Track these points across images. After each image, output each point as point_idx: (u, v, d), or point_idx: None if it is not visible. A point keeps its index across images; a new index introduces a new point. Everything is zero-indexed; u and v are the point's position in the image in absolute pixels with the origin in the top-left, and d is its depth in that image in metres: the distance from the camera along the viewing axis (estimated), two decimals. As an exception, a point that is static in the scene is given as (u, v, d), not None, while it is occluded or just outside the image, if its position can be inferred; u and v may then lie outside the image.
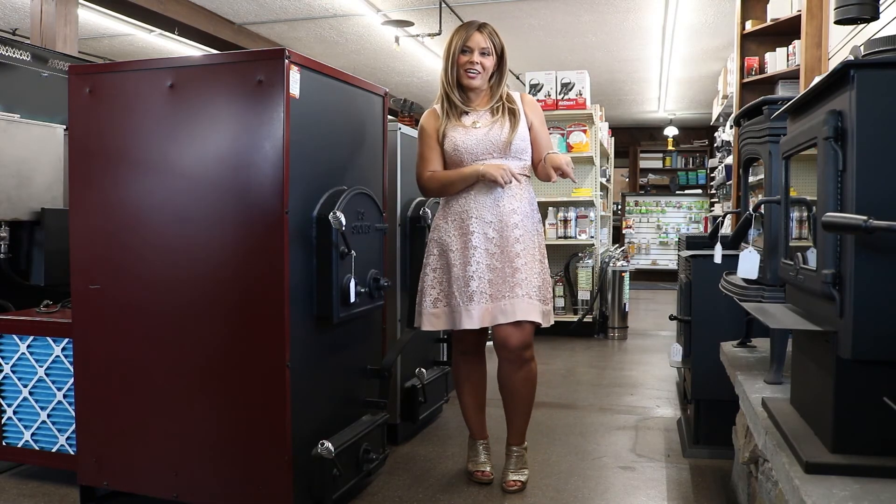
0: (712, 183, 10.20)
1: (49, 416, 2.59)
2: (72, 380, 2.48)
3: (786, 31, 4.90)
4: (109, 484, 2.35)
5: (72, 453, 2.53)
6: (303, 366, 2.18)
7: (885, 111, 1.28)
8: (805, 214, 2.53)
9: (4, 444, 2.65)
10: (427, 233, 2.98)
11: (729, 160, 6.79)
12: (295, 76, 2.11)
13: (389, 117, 2.87)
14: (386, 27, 6.86)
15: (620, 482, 2.69)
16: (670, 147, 13.28)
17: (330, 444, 2.24)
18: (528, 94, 3.17)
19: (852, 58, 1.35)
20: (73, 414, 2.47)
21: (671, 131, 12.70)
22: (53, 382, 2.57)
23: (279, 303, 2.09)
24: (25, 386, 2.61)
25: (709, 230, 4.17)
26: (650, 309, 8.05)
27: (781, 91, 4.91)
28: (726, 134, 7.09)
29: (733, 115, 4.87)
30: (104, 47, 7.90)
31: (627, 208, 12.10)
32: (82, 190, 2.34)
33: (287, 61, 2.07)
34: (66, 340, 2.52)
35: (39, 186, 3.33)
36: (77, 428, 2.39)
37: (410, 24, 6.74)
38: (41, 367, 2.58)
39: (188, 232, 2.20)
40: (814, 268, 1.48)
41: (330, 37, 7.48)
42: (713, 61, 8.27)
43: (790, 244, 1.87)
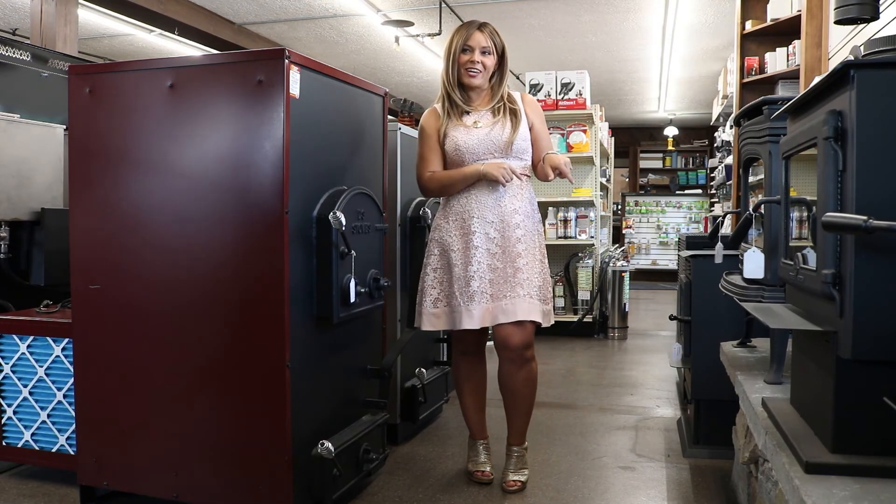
0: (712, 183, 10.20)
1: (49, 416, 2.59)
2: (72, 380, 2.49)
3: (786, 31, 4.90)
4: (109, 484, 2.35)
5: (72, 453, 2.53)
6: (303, 366, 2.18)
7: (885, 111, 1.28)
8: (805, 214, 2.54)
9: (4, 444, 2.65)
10: (427, 233, 2.98)
11: (729, 160, 6.79)
12: (295, 76, 2.11)
13: (389, 117, 2.87)
14: (386, 27, 6.86)
15: (620, 482, 2.69)
16: (670, 147, 13.28)
17: (330, 444, 2.24)
18: (529, 94, 3.17)
19: (852, 58, 1.35)
20: (73, 414, 2.47)
21: (671, 131, 12.70)
22: (53, 382, 2.57)
23: (279, 303, 2.09)
24: (25, 386, 2.61)
25: (709, 230, 4.17)
26: (650, 309, 8.05)
27: (781, 91, 4.90)
28: (726, 134, 7.09)
29: (733, 115, 4.86)
30: (104, 47, 7.90)
31: (627, 208, 12.10)
32: (82, 190, 2.34)
33: (287, 61, 2.07)
34: (66, 340, 2.53)
35: (39, 186, 3.33)
36: (77, 428, 2.40)
37: (410, 24, 6.74)
38: (41, 367, 2.58)
39: (188, 232, 2.20)
40: (814, 268, 1.48)
41: (330, 37, 7.48)
42: (713, 61, 8.27)
43: (790, 244, 1.87)
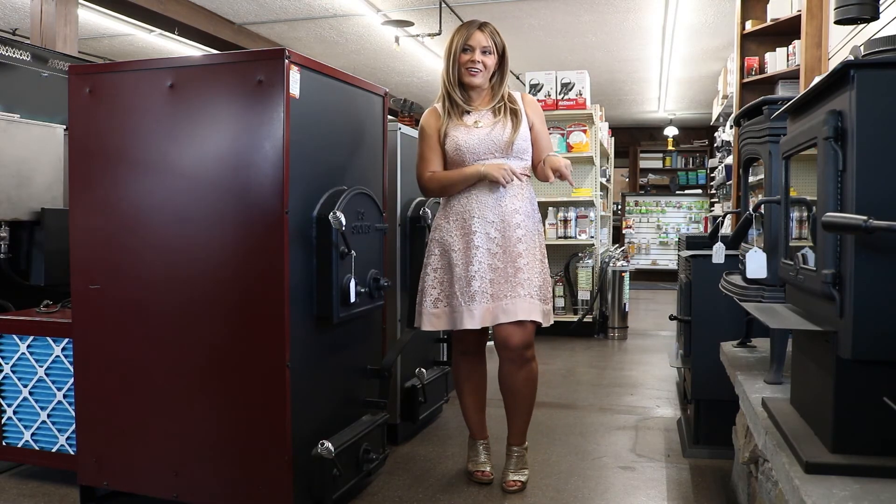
0: (712, 183, 10.20)
1: (49, 416, 2.59)
2: (72, 380, 2.48)
3: (786, 31, 4.90)
4: (109, 484, 2.35)
5: (72, 453, 2.53)
6: (303, 366, 2.18)
7: (885, 111, 1.28)
8: (805, 214, 2.53)
9: (4, 444, 2.65)
10: (427, 233, 2.98)
11: (729, 160, 6.79)
12: (295, 76, 2.11)
13: (389, 117, 2.87)
14: (386, 27, 6.86)
15: (620, 482, 2.69)
16: (670, 147, 13.28)
17: (330, 444, 2.24)
18: (529, 94, 3.17)
19: (852, 58, 1.35)
20: (73, 414, 2.47)
21: (671, 131, 12.70)
22: (53, 382, 2.57)
23: (279, 303, 2.09)
24: (25, 386, 2.61)
25: (709, 230, 4.17)
26: (650, 309, 8.05)
27: (781, 91, 4.90)
28: (726, 134, 7.09)
29: (733, 115, 4.86)
30: (104, 47, 7.90)
31: (627, 208, 12.10)
32: (82, 190, 2.34)
33: (287, 61, 2.07)
34: (66, 340, 2.53)
35: (39, 186, 3.33)
36: (77, 428, 2.39)
37: (410, 24, 6.74)
38: (41, 367, 2.58)
39: (188, 232, 2.20)
40: (814, 268, 1.48)
41: (330, 37, 7.48)
42: (713, 61, 8.27)
43: (790, 244, 1.87)
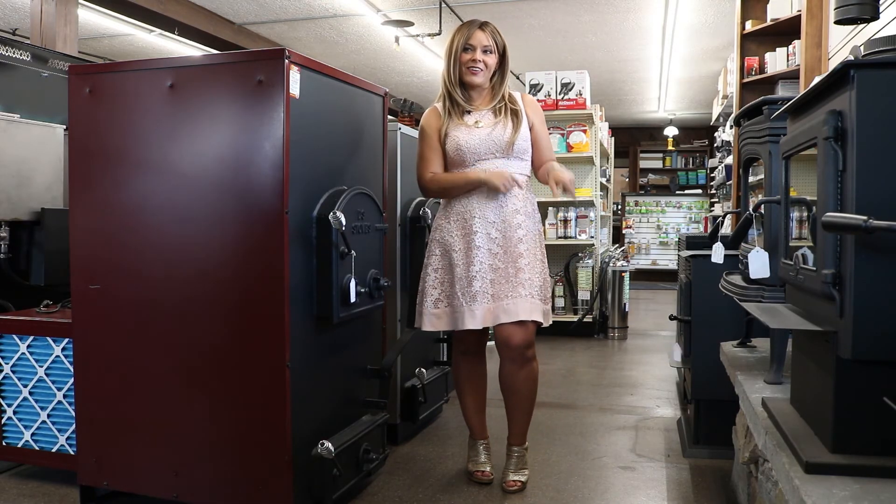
0: (712, 183, 10.20)
1: (49, 416, 2.59)
2: (72, 380, 2.48)
3: (786, 31, 4.90)
4: (109, 484, 2.35)
5: (72, 453, 2.53)
6: (303, 366, 2.18)
7: (885, 111, 1.28)
8: (805, 214, 2.54)
9: (4, 444, 2.65)
10: (427, 233, 2.98)
11: (729, 160, 6.79)
12: (295, 76, 2.11)
13: (389, 117, 2.87)
14: (386, 27, 6.86)
15: (620, 482, 2.69)
16: (670, 147, 13.28)
17: (330, 444, 2.24)
18: (529, 95, 3.17)
19: (852, 58, 1.35)
20: (73, 414, 2.47)
21: (671, 131, 12.70)
22: (53, 382, 2.57)
23: (279, 303, 2.09)
24: (25, 386, 2.61)
25: (709, 230, 4.17)
26: (650, 309, 8.05)
27: (781, 91, 4.90)
28: (726, 134, 7.09)
29: (733, 115, 4.86)
30: (104, 47, 7.90)
31: (627, 208, 12.10)
32: (82, 190, 2.34)
33: (287, 61, 2.07)
34: (66, 340, 2.53)
35: (39, 186, 3.33)
36: (77, 428, 2.39)
37: (410, 24, 6.74)
38: (41, 367, 2.58)
39: (188, 232, 2.20)
40: (814, 268, 1.48)
41: (330, 37, 7.48)
42: (713, 61, 8.26)
43: (790, 244, 1.87)
